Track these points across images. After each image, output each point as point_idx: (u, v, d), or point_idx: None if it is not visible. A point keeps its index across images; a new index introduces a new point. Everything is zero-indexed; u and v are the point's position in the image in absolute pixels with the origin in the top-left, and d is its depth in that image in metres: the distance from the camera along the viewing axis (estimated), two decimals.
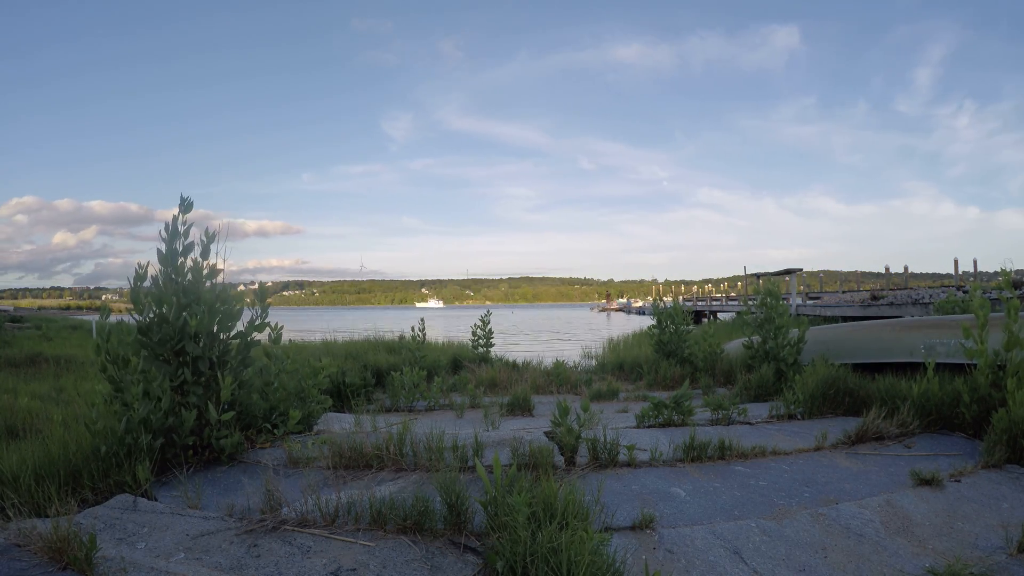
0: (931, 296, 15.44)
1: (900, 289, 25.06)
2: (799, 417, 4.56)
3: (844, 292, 29.46)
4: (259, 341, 3.82)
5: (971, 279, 22.58)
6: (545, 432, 3.66)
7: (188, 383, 3.32)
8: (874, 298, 18.62)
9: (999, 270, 4.46)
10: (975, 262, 23.45)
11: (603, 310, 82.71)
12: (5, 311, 23.59)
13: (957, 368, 4.24)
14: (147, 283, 3.45)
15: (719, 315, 28.31)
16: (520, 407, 5.66)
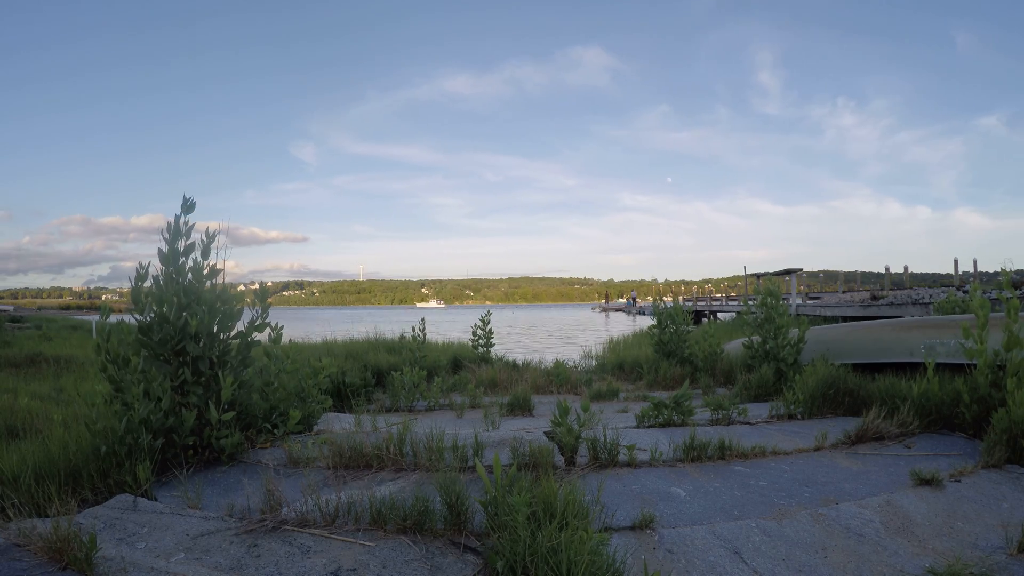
0: (931, 296, 15.45)
1: (900, 289, 25.07)
2: (799, 417, 4.56)
3: (844, 292, 29.46)
4: (259, 341, 3.82)
5: (971, 279, 22.58)
6: (545, 432, 3.66)
7: (188, 383, 3.33)
8: (874, 298, 18.63)
9: (999, 270, 4.47)
10: (975, 262, 23.46)
11: (603, 310, 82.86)
12: (5, 311, 23.60)
13: (957, 368, 4.24)
14: (148, 283, 3.45)
15: (719, 315, 28.30)
16: (520, 407, 5.66)
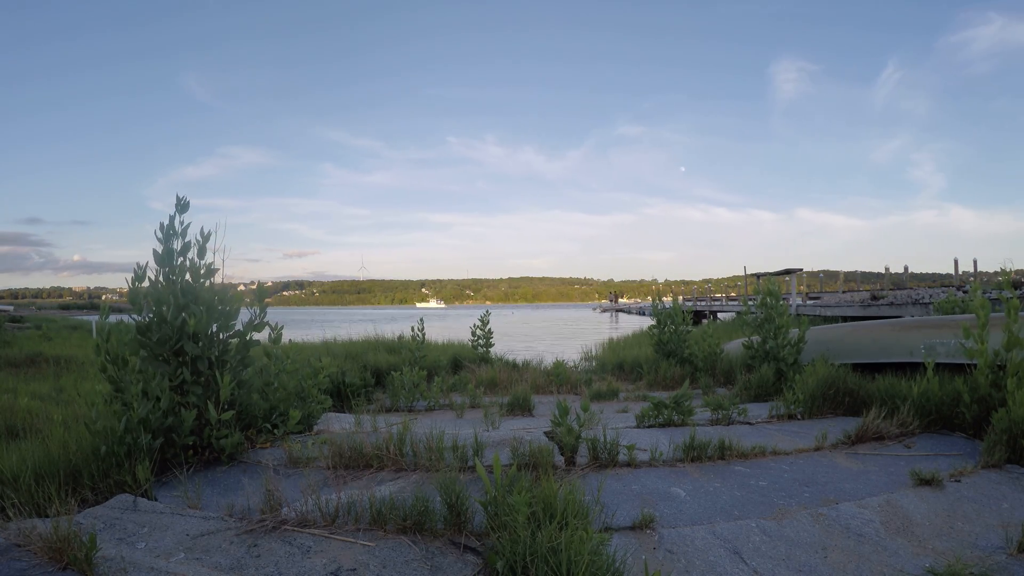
0: (931, 296, 15.45)
1: (900, 289, 25.09)
2: (799, 417, 4.56)
3: (844, 292, 29.46)
4: (259, 341, 3.82)
5: (971, 279, 22.58)
6: (545, 432, 3.66)
7: (187, 383, 3.32)
8: (874, 298, 18.64)
9: (999, 269, 4.47)
10: (975, 262, 23.46)
11: (604, 310, 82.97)
12: (5, 311, 23.60)
13: (957, 368, 4.24)
14: (146, 283, 3.44)
15: (719, 315, 28.30)
16: (520, 407, 5.66)
